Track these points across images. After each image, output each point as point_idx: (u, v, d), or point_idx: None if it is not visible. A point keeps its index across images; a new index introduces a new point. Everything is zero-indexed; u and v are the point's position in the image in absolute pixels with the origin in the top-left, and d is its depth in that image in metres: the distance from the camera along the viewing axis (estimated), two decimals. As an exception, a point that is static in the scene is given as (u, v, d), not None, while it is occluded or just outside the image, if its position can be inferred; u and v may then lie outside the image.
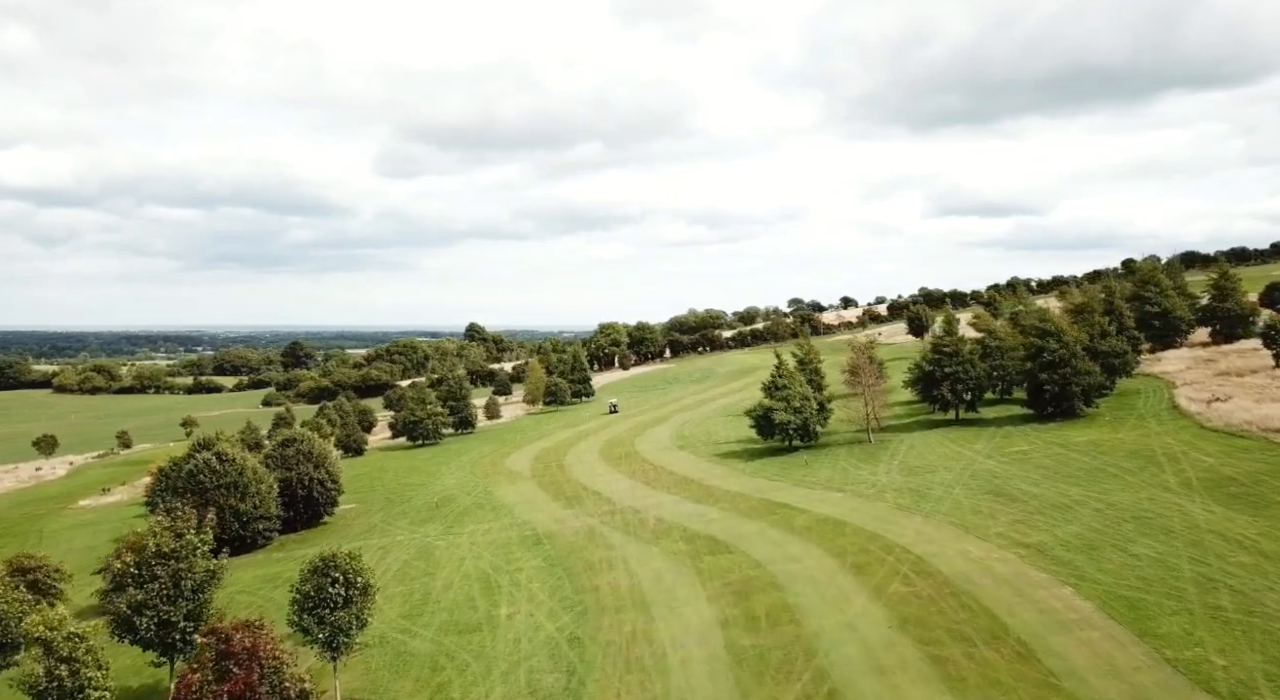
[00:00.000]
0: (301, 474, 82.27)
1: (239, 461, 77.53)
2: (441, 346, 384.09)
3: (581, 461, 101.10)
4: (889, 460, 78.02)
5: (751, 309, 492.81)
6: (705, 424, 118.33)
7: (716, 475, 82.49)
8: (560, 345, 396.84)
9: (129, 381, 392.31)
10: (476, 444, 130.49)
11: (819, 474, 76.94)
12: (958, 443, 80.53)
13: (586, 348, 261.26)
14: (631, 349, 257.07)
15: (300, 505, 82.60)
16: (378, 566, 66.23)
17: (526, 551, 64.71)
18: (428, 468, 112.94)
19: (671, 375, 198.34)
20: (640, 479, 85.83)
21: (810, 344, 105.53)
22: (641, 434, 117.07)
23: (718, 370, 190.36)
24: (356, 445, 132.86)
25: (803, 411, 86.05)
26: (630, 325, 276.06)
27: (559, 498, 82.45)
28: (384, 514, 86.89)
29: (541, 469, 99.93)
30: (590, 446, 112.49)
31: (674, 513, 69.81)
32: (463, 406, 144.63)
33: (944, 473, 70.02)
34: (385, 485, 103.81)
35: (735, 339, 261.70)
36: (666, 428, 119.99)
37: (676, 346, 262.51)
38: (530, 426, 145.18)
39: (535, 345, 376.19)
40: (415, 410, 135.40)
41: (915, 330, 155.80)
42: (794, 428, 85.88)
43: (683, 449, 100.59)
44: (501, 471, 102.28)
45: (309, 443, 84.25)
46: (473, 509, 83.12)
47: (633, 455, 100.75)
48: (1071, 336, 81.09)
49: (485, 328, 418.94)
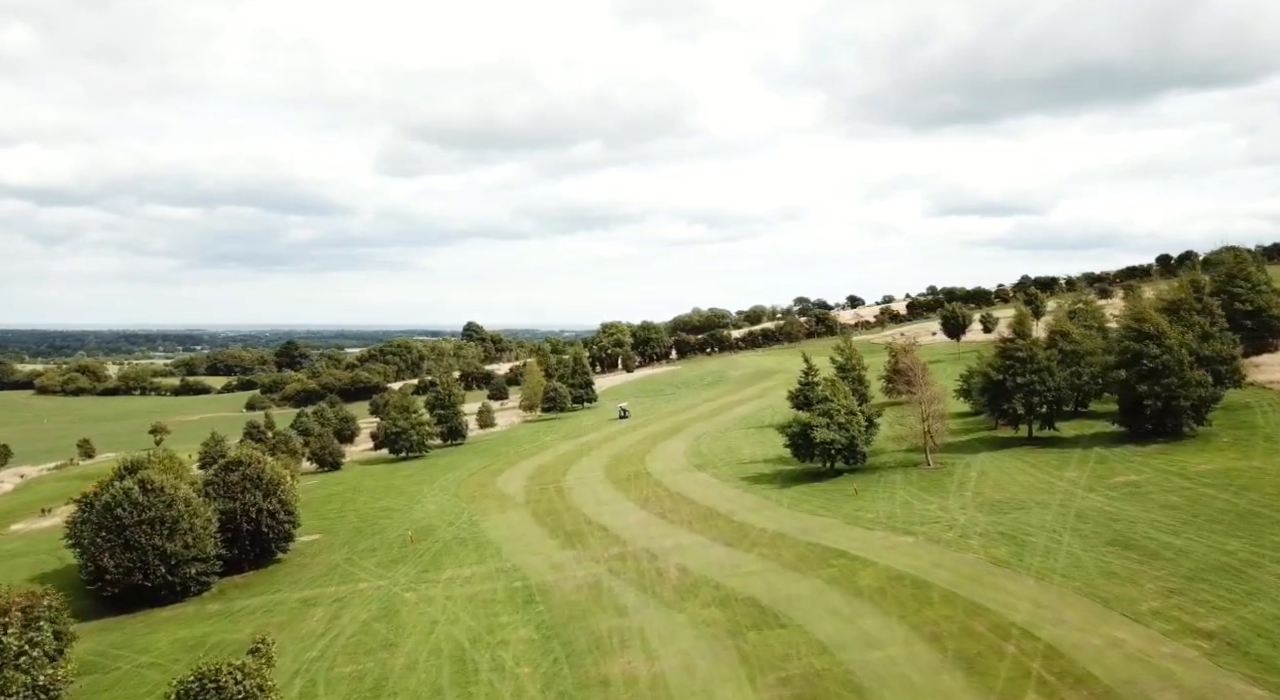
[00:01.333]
0: (247, 504, 68.38)
1: (168, 491, 63.63)
2: (437, 346, 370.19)
3: (584, 483, 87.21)
4: (959, 491, 64.06)
5: (758, 308, 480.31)
6: (725, 438, 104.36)
7: (747, 506, 68.55)
8: (560, 345, 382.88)
9: (114, 382, 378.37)
10: (466, 458, 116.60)
11: (875, 507, 62.99)
12: (1040, 468, 66.54)
13: (588, 349, 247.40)
14: (636, 350, 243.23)
15: (246, 541, 68.71)
16: (327, 631, 52.44)
17: (515, 613, 50.80)
18: (408, 488, 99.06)
19: (680, 379, 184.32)
20: (654, 509, 71.91)
21: (852, 347, 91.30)
22: (652, 449, 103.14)
23: (731, 374, 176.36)
24: (332, 459, 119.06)
25: (848, 428, 72.16)
26: (634, 325, 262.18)
27: (557, 533, 68.55)
28: (349, 549, 73.03)
29: (537, 492, 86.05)
30: (593, 464, 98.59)
31: (700, 560, 55.89)
32: (452, 415, 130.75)
33: (1038, 511, 56.06)
34: (357, 510, 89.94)
35: (745, 339, 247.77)
36: (680, 441, 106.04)
37: (683, 347, 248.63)
38: (527, 437, 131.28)
39: (534, 345, 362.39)
40: (398, 420, 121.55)
41: (951, 330, 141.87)
42: (838, 448, 71.96)
43: (701, 469, 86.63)
44: (491, 494, 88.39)
45: (257, 467, 70.33)
46: (454, 545, 69.26)
47: (643, 476, 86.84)
48: (1175, 339, 67.07)
49: (483, 327, 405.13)
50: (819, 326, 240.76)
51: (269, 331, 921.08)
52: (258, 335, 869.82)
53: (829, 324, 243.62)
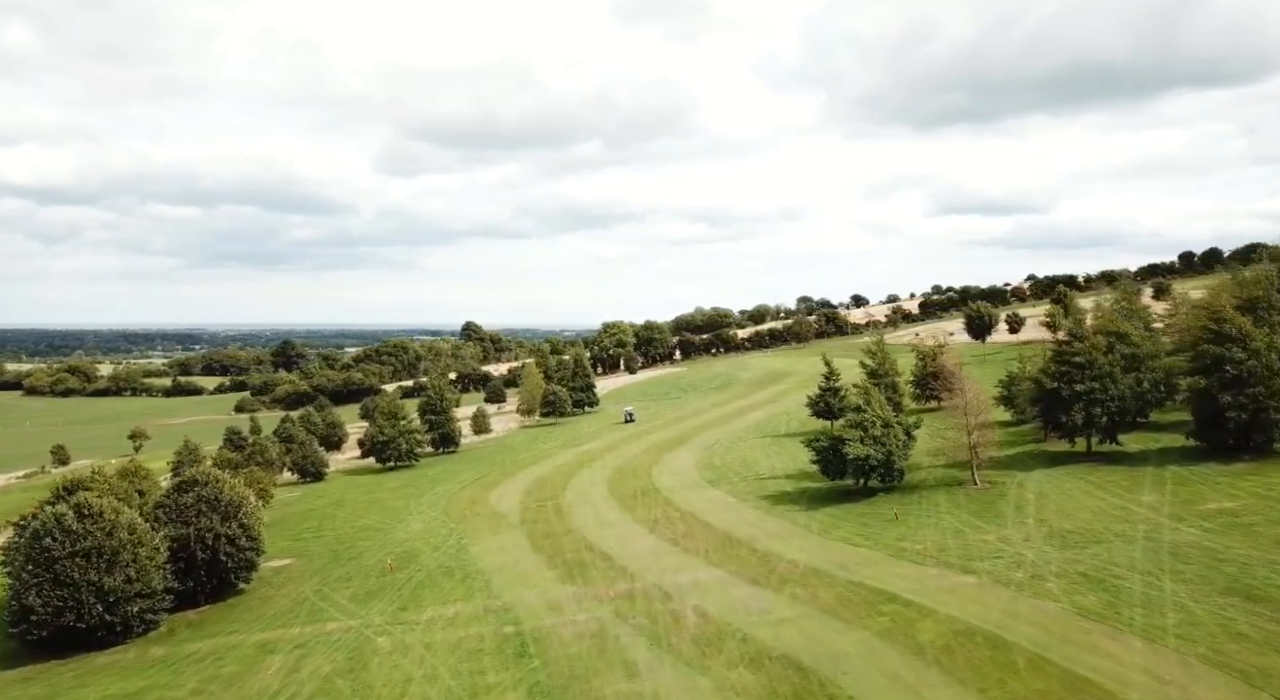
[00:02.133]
0: (203, 529, 60.09)
1: (108, 517, 55.35)
2: (435, 346, 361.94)
3: (586, 500, 78.87)
4: (1018, 517, 55.70)
5: (761, 307, 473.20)
6: (738, 448, 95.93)
7: (771, 532, 60.20)
8: (560, 345, 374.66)
9: (105, 383, 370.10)
10: (458, 468, 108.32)
11: (921, 536, 54.63)
12: (1109, 490, 58.17)
13: (589, 349, 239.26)
14: (638, 350, 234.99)
15: (201, 572, 60.44)
16: (282, 689, 44.16)
17: (505, 670, 42.51)
18: (393, 502, 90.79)
19: (686, 381, 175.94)
20: (665, 534, 63.55)
21: (884, 350, 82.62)
22: (659, 460, 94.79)
23: (739, 376, 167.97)
24: (315, 469, 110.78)
25: (885, 442, 63.80)
26: (637, 324, 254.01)
27: (555, 562, 60.22)
28: (321, 578, 64.74)
29: (534, 510, 77.74)
30: (596, 476, 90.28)
31: (722, 602, 47.56)
32: (444, 421, 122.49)
33: (1121, 545, 47.69)
34: (336, 528, 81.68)
35: (752, 340, 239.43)
36: (689, 452, 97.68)
37: (687, 348, 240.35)
38: (524, 444, 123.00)
39: (534, 345, 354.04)
40: (385, 427, 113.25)
41: (976, 330, 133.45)
42: (873, 465, 63.60)
43: (715, 485, 78.26)
44: (483, 512, 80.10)
45: (215, 487, 61.99)
46: (438, 576, 60.96)
47: (651, 493, 78.50)
48: (1262, 342, 58.67)
49: (482, 326, 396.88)
50: (828, 326, 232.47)
51: (269, 331, 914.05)
52: (257, 335, 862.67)
53: (839, 324, 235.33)
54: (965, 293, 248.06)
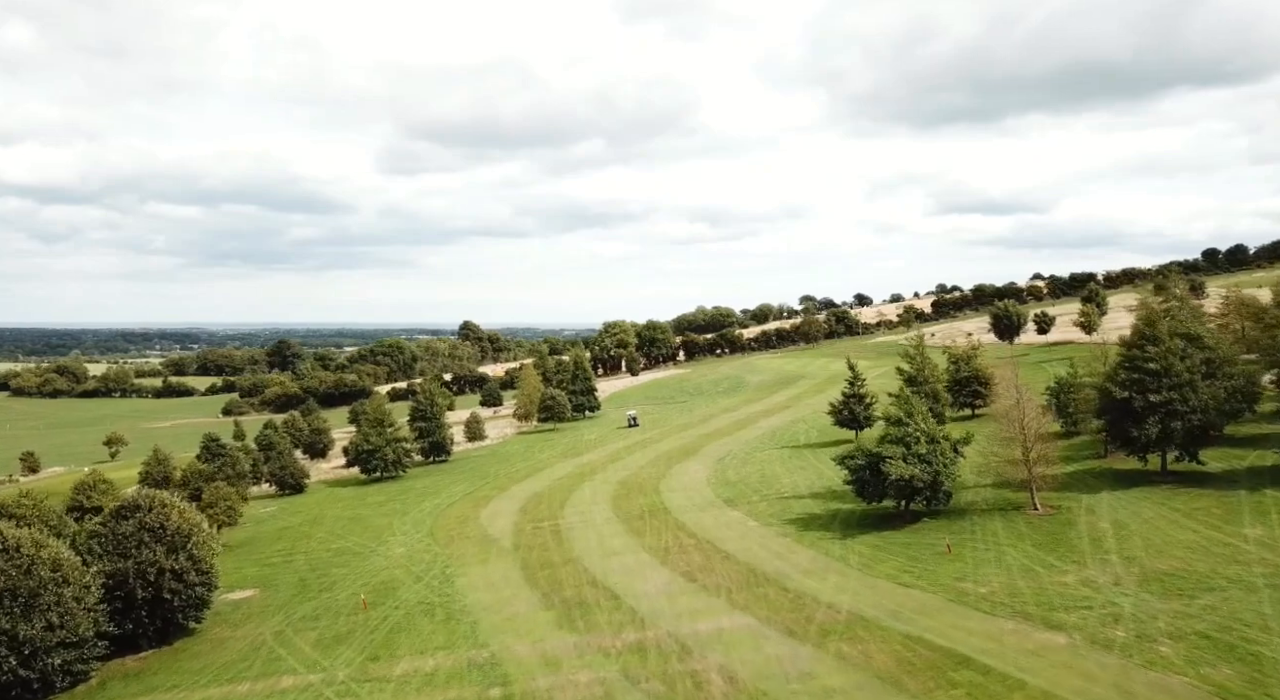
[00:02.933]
0: (144, 563, 51.81)
1: (27, 552, 47.06)
2: (431, 346, 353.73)
3: (587, 522, 70.56)
4: (1098, 553, 47.39)
5: (764, 306, 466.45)
6: (755, 460, 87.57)
7: (803, 566, 51.90)
8: (560, 344, 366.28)
9: (94, 384, 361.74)
10: (448, 480, 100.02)
11: (984, 575, 46.32)
12: (1202, 521, 49.85)
13: (589, 350, 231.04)
14: (640, 351, 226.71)
15: (143, 612, 52.16)
16: (215, 774, 35.95)
17: (488, 754, 34.23)
18: (375, 520, 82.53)
19: (692, 384, 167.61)
20: (679, 565, 55.23)
21: (924, 353, 74.04)
22: (667, 473, 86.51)
23: (748, 379, 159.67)
24: (294, 480, 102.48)
25: (931, 461, 55.50)
26: (639, 324, 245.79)
27: (553, 601, 51.93)
28: (285, 616, 56.47)
29: (529, 533, 69.45)
30: (598, 492, 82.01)
31: (753, 661, 39.30)
32: (435, 428, 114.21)
33: (1239, 594, 39.38)
34: (309, 552, 73.41)
35: (758, 340, 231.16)
36: (700, 464, 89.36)
37: (691, 348, 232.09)
38: (520, 453, 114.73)
39: (532, 345, 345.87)
40: (371, 435, 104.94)
41: (1004, 331, 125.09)
42: (918, 487, 55.28)
43: (732, 505, 69.94)
44: (472, 534, 71.80)
45: (160, 514, 53.68)
46: (418, 616, 52.65)
47: (659, 513, 70.19)
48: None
49: (480, 326, 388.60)
50: (838, 326, 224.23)
51: (268, 330, 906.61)
52: (256, 334, 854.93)
53: (848, 323, 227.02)
54: (979, 291, 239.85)
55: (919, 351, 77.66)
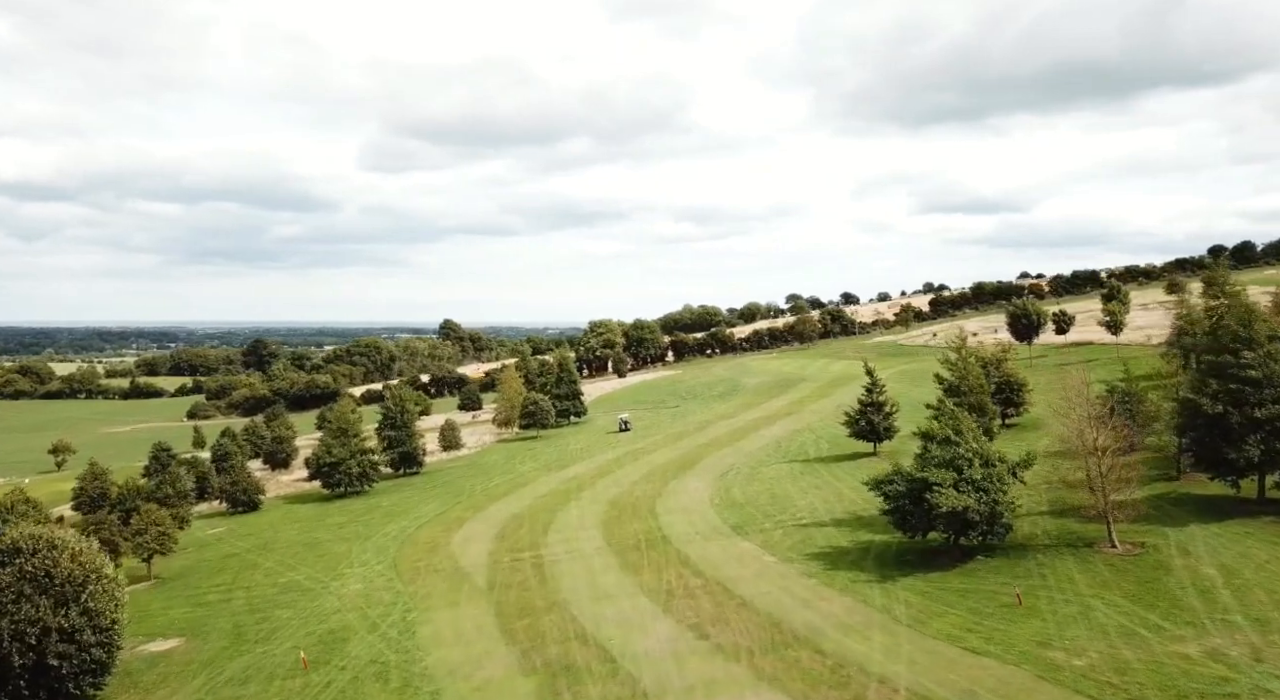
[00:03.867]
0: (22, 622, 41.66)
1: None
2: (410, 346, 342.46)
3: (574, 552, 60.85)
4: (1212, 610, 38.18)
5: (752, 305, 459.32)
6: (762, 476, 78.02)
7: (839, 619, 42.40)
8: (544, 343, 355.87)
9: (58, 385, 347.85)
10: (418, 497, 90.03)
11: (1073, 639, 37.01)
12: (1330, 565, 40.79)
13: (575, 350, 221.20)
14: (628, 351, 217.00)
15: (21, 681, 42.02)
16: None
17: None
18: (333, 547, 72.53)
19: (684, 387, 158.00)
20: (686, 616, 45.59)
21: (967, 359, 64.17)
22: (664, 491, 76.92)
23: (744, 382, 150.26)
24: (247, 498, 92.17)
25: (988, 489, 46.18)
26: (625, 323, 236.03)
27: (533, 661, 42.22)
28: (209, 678, 46.57)
29: (507, 566, 59.68)
30: (586, 514, 72.34)
31: (798, 771, 29.75)
32: (405, 437, 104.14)
33: None
34: (252, 587, 63.35)
35: (750, 340, 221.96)
36: (700, 480, 79.80)
37: (680, 348, 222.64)
38: (499, 465, 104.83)
39: (515, 345, 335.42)
40: (334, 446, 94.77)
41: (1022, 331, 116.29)
42: (974, 519, 45.91)
43: (743, 534, 60.42)
44: (441, 566, 61.93)
45: (49, 558, 43.50)
46: (366, 681, 42.83)
47: (658, 543, 60.58)
48: None
49: (460, 324, 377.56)
50: (834, 325, 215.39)
51: (249, 329, 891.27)
52: (238, 332, 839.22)
53: (844, 322, 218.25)
54: (979, 289, 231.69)
55: (963, 355, 67.18)
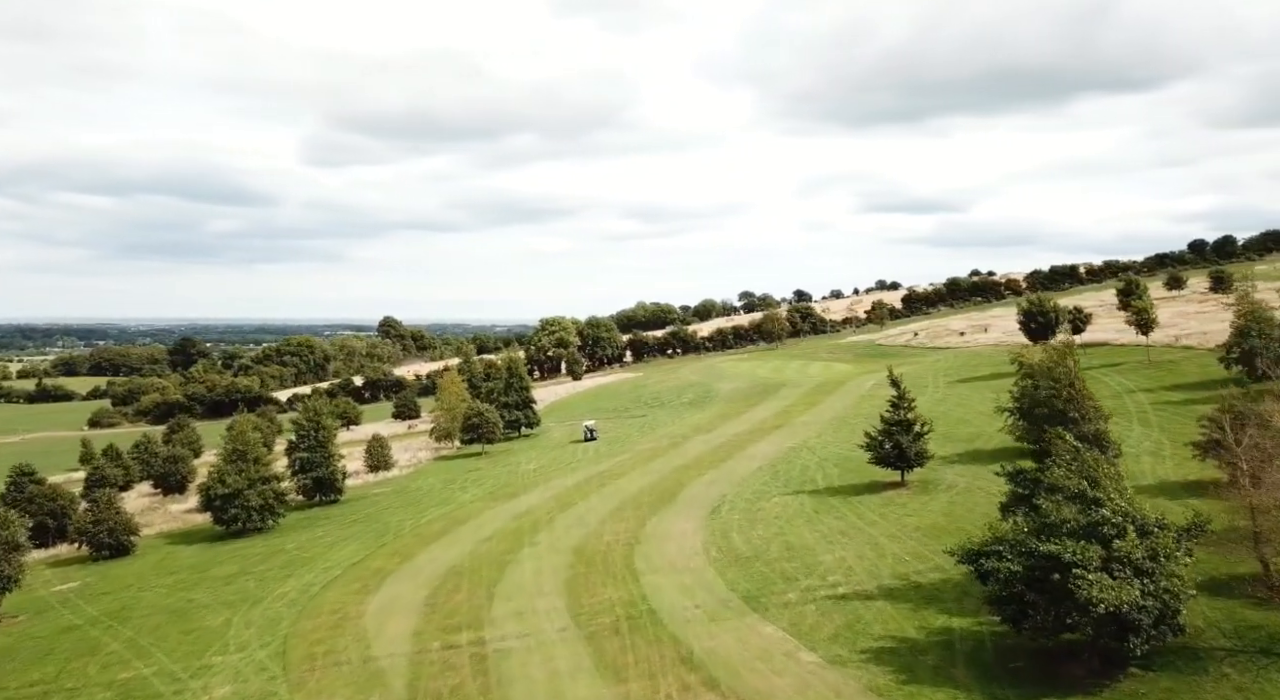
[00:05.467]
0: None
1: None
2: (346, 345, 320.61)
3: (530, 635, 44.25)
4: None
5: (707, 302, 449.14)
6: (765, 514, 61.96)
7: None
8: (491, 342, 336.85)
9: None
10: (332, 538, 72.52)
11: None
12: None
13: (525, 350, 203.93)
14: (583, 351, 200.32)
15: None
16: None
17: None
18: (207, 617, 54.81)
19: (649, 392, 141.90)
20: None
21: (1073, 366, 47.13)
22: (641, 533, 60.67)
23: (718, 387, 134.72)
24: (115, 540, 73.63)
25: (1153, 573, 30.92)
26: (580, 321, 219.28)
27: None
28: None
29: (436, 661, 42.87)
30: (544, 569, 55.79)
31: None
32: (320, 460, 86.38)
33: None
34: (76, 689, 45.56)
35: (714, 339, 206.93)
36: (686, 517, 63.60)
37: (640, 348, 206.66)
38: (435, 491, 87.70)
39: (460, 343, 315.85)
40: (227, 474, 76.62)
41: (1037, 330, 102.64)
42: (1138, 620, 30.52)
43: (759, 608, 44.48)
44: (346, 658, 44.86)
45: None
46: None
47: (644, 623, 44.31)
48: None
49: (401, 321, 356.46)
50: (804, 323, 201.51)
51: (186, 326, 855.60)
52: (173, 330, 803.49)
53: (814, 320, 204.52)
54: (954, 285, 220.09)
55: (1068, 358, 47.79)
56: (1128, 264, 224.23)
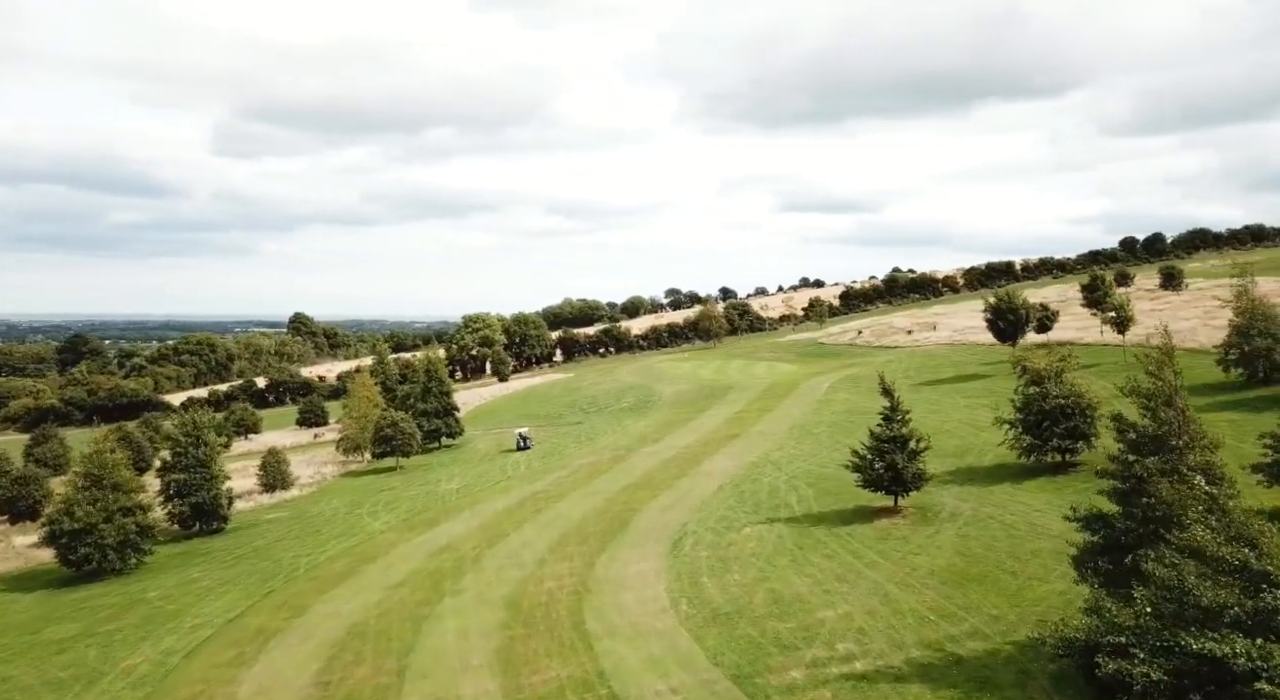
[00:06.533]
0: None
1: None
2: (252, 343, 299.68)
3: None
4: None
5: (636, 299, 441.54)
6: (739, 551, 51.45)
7: None
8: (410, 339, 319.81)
9: None
10: (207, 582, 59.42)
11: None
12: None
13: (446, 348, 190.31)
14: (510, 350, 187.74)
15: None
16: None
17: None
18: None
19: (583, 396, 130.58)
20: None
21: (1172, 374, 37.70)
22: (590, 578, 49.69)
23: (658, 390, 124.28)
24: (-73, 589, 58.85)
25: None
26: (506, 317, 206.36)
27: None
28: None
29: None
30: (471, 630, 44.33)
31: None
32: (202, 481, 72.78)
33: None
34: None
35: (649, 336, 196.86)
36: (644, 555, 52.74)
37: (571, 347, 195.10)
38: (339, 516, 75.05)
39: (376, 340, 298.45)
40: (76, 505, 62.64)
41: (1007, 329, 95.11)
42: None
43: (752, 693, 34.11)
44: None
45: None
46: None
47: (610, 718, 33.45)
48: None
49: (314, 318, 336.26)
50: (741, 321, 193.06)
51: (84, 321, 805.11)
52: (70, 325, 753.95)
53: (752, 318, 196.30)
54: (893, 282, 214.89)
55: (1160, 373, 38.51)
56: (1062, 262, 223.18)
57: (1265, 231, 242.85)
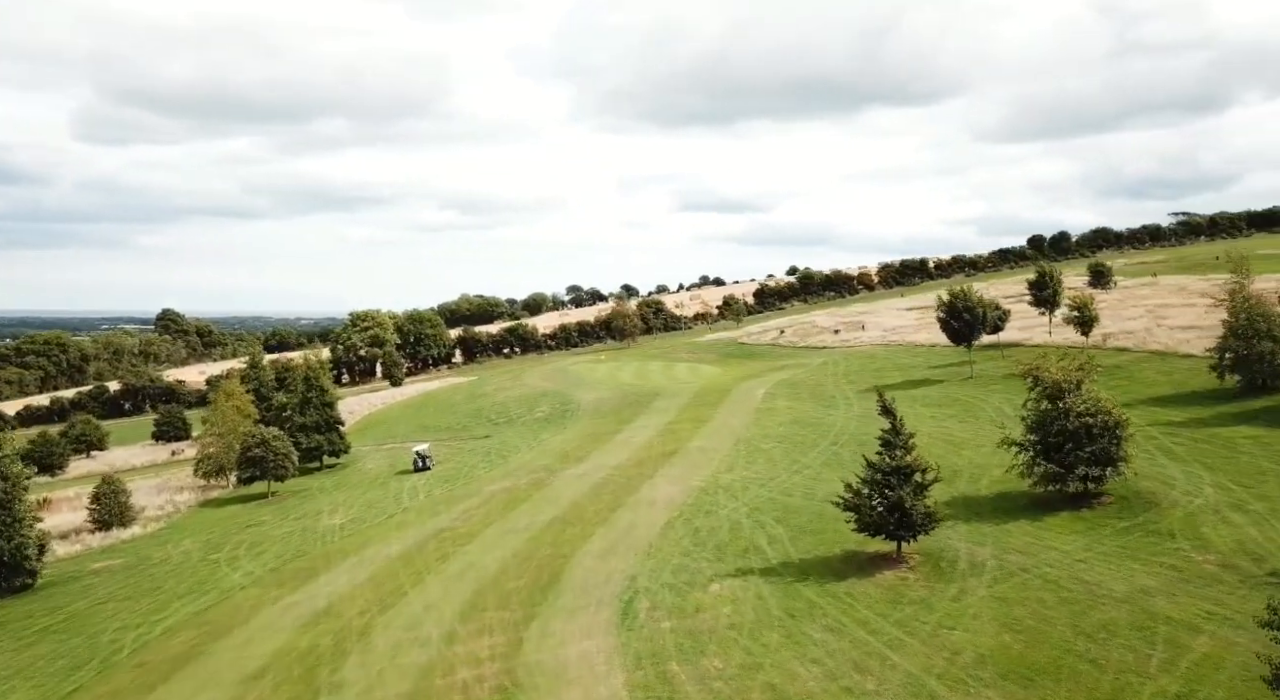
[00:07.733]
0: None
1: None
2: (113, 342, 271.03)
3: None
4: None
5: (537, 295, 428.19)
6: (714, 622, 39.88)
7: None
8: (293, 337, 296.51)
9: None
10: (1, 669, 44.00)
11: None
12: None
13: (332, 349, 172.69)
14: (403, 351, 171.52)
15: None
16: None
17: None
18: None
19: (490, 403, 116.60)
20: None
21: None
22: (516, 663, 37.26)
23: (576, 396, 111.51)
24: None
25: None
26: (399, 314, 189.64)
27: None
28: None
29: None
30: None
31: None
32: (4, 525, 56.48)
33: None
34: None
35: (558, 336, 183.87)
36: (587, 630, 40.58)
37: (472, 347, 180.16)
38: (188, 566, 59.95)
39: (255, 338, 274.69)
40: None
41: (962, 330, 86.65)
42: None
43: None
44: None
45: None
46: None
47: None
48: None
49: (185, 315, 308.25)
50: (656, 319, 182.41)
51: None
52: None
53: (666, 316, 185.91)
54: (807, 279, 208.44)
55: None
56: (974, 259, 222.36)
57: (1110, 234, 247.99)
